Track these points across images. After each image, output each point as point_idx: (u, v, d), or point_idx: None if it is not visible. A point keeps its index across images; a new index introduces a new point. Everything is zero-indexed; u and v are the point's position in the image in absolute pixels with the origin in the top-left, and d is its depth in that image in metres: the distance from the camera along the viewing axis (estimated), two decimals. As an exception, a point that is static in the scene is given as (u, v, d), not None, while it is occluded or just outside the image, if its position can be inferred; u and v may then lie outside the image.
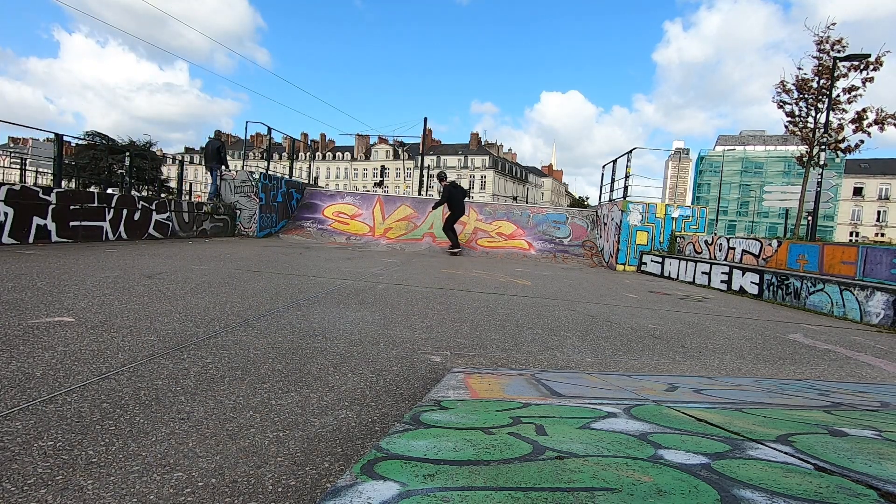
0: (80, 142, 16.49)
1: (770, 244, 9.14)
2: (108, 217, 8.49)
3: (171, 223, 10.14)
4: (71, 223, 7.72)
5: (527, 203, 68.98)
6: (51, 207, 7.37)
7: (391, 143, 73.16)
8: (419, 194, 25.34)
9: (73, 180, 14.00)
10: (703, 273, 9.33)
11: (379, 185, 37.22)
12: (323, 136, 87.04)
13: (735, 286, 8.38)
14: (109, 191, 11.91)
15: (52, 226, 7.39)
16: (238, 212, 12.64)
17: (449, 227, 11.84)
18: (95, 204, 8.25)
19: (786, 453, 1.21)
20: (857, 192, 56.10)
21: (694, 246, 11.10)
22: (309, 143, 77.50)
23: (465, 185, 75.40)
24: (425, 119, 28.19)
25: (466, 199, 12.73)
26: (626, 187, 12.05)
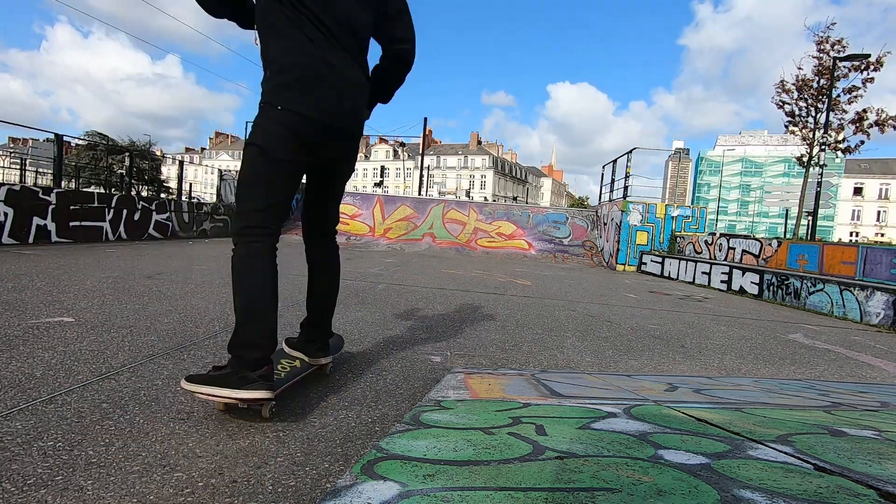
0: (80, 142, 16.51)
1: (770, 244, 9.15)
2: (108, 217, 8.49)
3: (171, 223, 10.14)
4: (71, 223, 7.72)
5: (527, 203, 69.01)
6: (51, 208, 7.37)
7: (391, 142, 73.22)
8: (419, 194, 25.36)
9: (73, 180, 14.00)
10: (703, 273, 9.33)
11: (379, 185, 37.23)
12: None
13: (735, 286, 8.38)
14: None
15: (52, 226, 7.39)
16: (238, 212, 12.63)
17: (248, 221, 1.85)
18: (95, 204, 8.26)
19: (786, 453, 1.21)
20: (857, 192, 56.08)
21: (694, 246, 11.11)
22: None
23: (465, 185, 74.84)
24: (425, 119, 28.20)
25: (465, 198, 4.54)
26: (626, 187, 12.05)
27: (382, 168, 39.31)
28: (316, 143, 1.78)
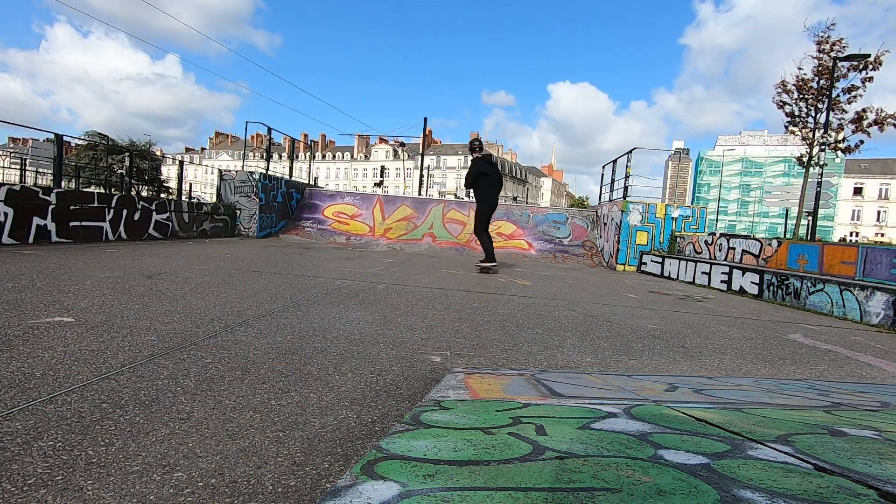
0: (80, 142, 16.51)
1: (770, 244, 9.14)
2: (108, 217, 8.49)
3: (171, 223, 10.14)
4: (71, 223, 7.72)
5: (527, 203, 68.94)
6: (51, 207, 7.37)
7: (391, 143, 73.18)
8: (419, 194, 25.37)
9: (73, 180, 14.00)
10: (703, 273, 9.33)
11: (379, 185, 37.20)
12: (323, 136, 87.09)
13: (735, 286, 8.38)
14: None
15: (52, 226, 7.39)
16: (238, 212, 12.64)
17: (482, 228, 8.00)
18: (95, 204, 8.25)
19: (786, 453, 1.21)
20: (857, 192, 56.11)
21: (694, 246, 11.10)
22: (309, 143, 77.52)
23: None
24: (425, 119, 28.26)
25: (465, 198, 10.31)
26: (626, 187, 12.05)
27: (382, 168, 39.29)
28: (493, 209, 8.09)
